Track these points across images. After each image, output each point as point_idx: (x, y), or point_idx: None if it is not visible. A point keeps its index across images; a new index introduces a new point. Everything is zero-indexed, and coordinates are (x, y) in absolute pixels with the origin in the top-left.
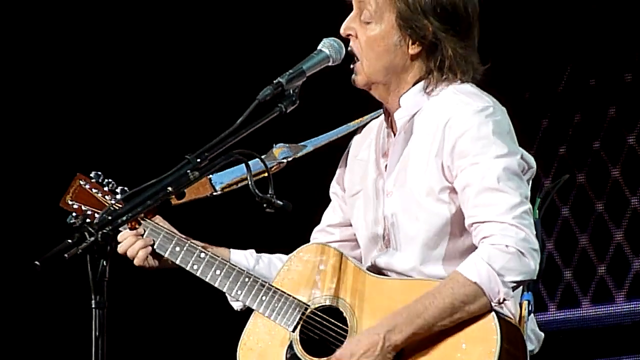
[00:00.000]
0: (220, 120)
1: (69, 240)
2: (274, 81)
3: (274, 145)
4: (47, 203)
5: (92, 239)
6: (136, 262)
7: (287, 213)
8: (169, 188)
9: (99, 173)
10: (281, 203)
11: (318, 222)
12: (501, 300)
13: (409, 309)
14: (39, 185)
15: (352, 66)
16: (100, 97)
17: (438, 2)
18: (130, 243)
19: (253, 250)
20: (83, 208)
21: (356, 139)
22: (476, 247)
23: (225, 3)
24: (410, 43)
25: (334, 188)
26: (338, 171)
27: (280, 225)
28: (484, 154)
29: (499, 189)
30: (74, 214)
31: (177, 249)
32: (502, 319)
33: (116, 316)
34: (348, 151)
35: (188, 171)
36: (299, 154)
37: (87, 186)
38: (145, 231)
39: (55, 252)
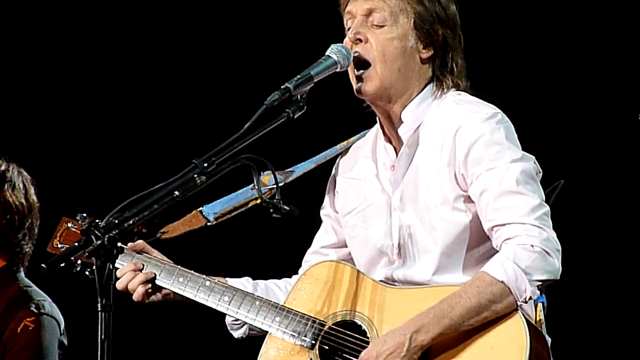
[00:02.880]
0: (227, 125)
1: (76, 243)
2: (282, 86)
3: (261, 173)
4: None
5: (99, 242)
6: (135, 297)
7: (293, 218)
8: (176, 192)
9: (84, 215)
10: (287, 208)
11: (308, 246)
12: (527, 300)
13: (435, 310)
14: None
15: (359, 73)
16: (107, 103)
17: (446, 11)
18: (130, 278)
19: (249, 278)
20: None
21: (343, 160)
22: (494, 253)
23: (234, 9)
24: (422, 47)
25: (325, 210)
26: (327, 194)
27: (268, 252)
28: (500, 159)
29: (518, 191)
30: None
31: (181, 279)
32: (527, 319)
33: (122, 319)
34: (335, 173)
35: (195, 175)
36: (289, 180)
37: (75, 228)
38: (144, 266)
39: (62, 255)
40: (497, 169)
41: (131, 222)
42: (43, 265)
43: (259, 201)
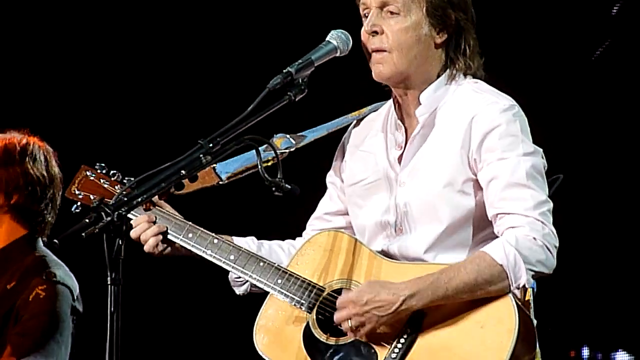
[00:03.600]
0: (231, 107)
1: (87, 220)
2: (284, 70)
3: (274, 135)
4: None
5: (109, 218)
6: (146, 248)
7: (294, 196)
8: (183, 171)
9: (103, 165)
10: (289, 187)
11: (313, 210)
12: (520, 286)
13: (433, 277)
14: None
15: (377, 58)
16: (111, 88)
17: None
18: (144, 229)
19: (254, 237)
20: (91, 197)
21: (355, 131)
22: (491, 238)
23: (235, 4)
24: (437, 32)
25: (331, 178)
26: (335, 162)
27: (276, 214)
28: (513, 151)
29: (527, 185)
30: (79, 203)
31: (190, 235)
32: (517, 303)
33: (131, 293)
34: (345, 142)
35: (201, 155)
36: (300, 144)
37: (93, 176)
38: (157, 219)
39: (73, 231)
40: (509, 160)
41: (139, 199)
42: (55, 240)
43: (270, 163)
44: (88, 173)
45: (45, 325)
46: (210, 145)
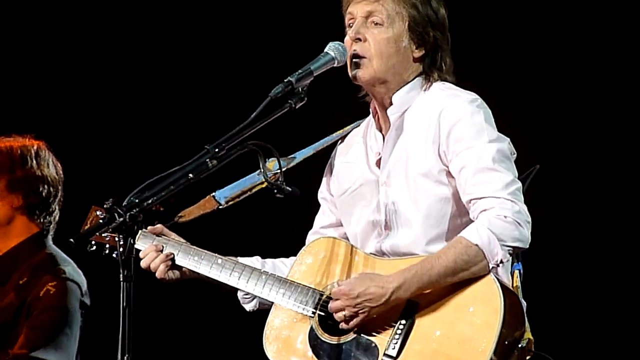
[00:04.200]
0: (235, 115)
1: (101, 220)
2: (285, 80)
3: (267, 159)
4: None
5: (121, 219)
6: (158, 274)
7: (294, 198)
8: (190, 175)
9: (111, 203)
10: (290, 189)
11: (310, 226)
12: (498, 262)
13: (417, 267)
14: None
15: (357, 61)
16: (118, 98)
17: (437, 14)
18: (153, 258)
19: (258, 257)
20: (104, 235)
21: (340, 147)
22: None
23: (243, 10)
24: (415, 47)
25: (322, 194)
26: (324, 178)
27: (276, 232)
28: (478, 139)
29: (494, 168)
30: (93, 242)
31: (197, 258)
32: (501, 283)
33: (141, 290)
34: (332, 159)
35: (207, 160)
36: (291, 165)
37: (102, 215)
38: (164, 247)
39: (88, 231)
40: (475, 148)
41: (150, 201)
42: (71, 239)
43: (264, 185)
44: (98, 213)
45: (56, 320)
46: (216, 150)
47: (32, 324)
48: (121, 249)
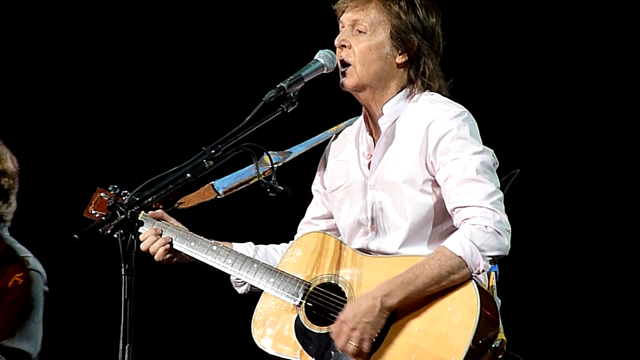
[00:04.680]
0: (231, 118)
1: (103, 218)
2: (277, 85)
3: (263, 154)
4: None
5: (123, 216)
6: (156, 257)
7: (287, 196)
8: (188, 174)
9: (116, 186)
10: (282, 188)
11: (302, 216)
12: (480, 271)
13: (402, 277)
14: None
15: (343, 70)
16: (116, 105)
17: (423, 23)
18: (152, 241)
19: (251, 243)
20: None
21: (334, 144)
22: (455, 229)
23: (237, 19)
24: (398, 53)
25: (315, 186)
26: (318, 172)
27: (270, 222)
28: (464, 151)
29: (477, 179)
30: (94, 215)
31: (193, 243)
32: (479, 286)
33: (142, 282)
34: (326, 155)
35: (204, 160)
36: (287, 159)
37: (107, 197)
38: (163, 231)
39: (92, 228)
40: (461, 159)
41: (150, 199)
42: (75, 235)
43: (262, 177)
44: (102, 194)
45: (25, 309)
46: (212, 151)
47: (2, 315)
48: (122, 245)
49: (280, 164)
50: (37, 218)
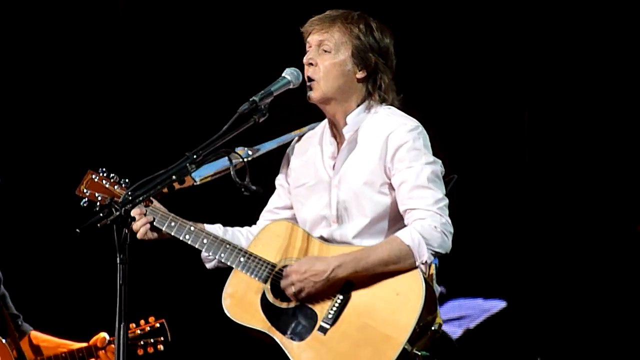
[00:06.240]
0: (210, 127)
1: (101, 214)
2: (250, 99)
3: (236, 148)
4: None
5: (118, 213)
6: (138, 235)
7: (259, 195)
8: (173, 176)
9: (105, 169)
10: (254, 188)
11: (264, 206)
12: (423, 262)
13: (355, 254)
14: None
15: (309, 84)
16: (104, 107)
17: (379, 43)
18: (136, 220)
19: (220, 224)
20: (95, 194)
21: (298, 145)
22: (405, 227)
23: (209, 40)
24: (358, 70)
25: (279, 180)
26: (282, 168)
27: (237, 209)
28: (417, 161)
29: (428, 186)
30: (86, 199)
31: (172, 224)
32: (423, 274)
33: (134, 270)
34: (290, 154)
35: (187, 164)
36: (256, 155)
37: (97, 178)
38: (146, 212)
39: (91, 222)
40: (414, 168)
41: (141, 198)
42: (77, 229)
43: (229, 171)
44: (93, 176)
45: None
46: (195, 156)
47: None
48: (117, 237)
49: (249, 159)
50: (41, 212)
